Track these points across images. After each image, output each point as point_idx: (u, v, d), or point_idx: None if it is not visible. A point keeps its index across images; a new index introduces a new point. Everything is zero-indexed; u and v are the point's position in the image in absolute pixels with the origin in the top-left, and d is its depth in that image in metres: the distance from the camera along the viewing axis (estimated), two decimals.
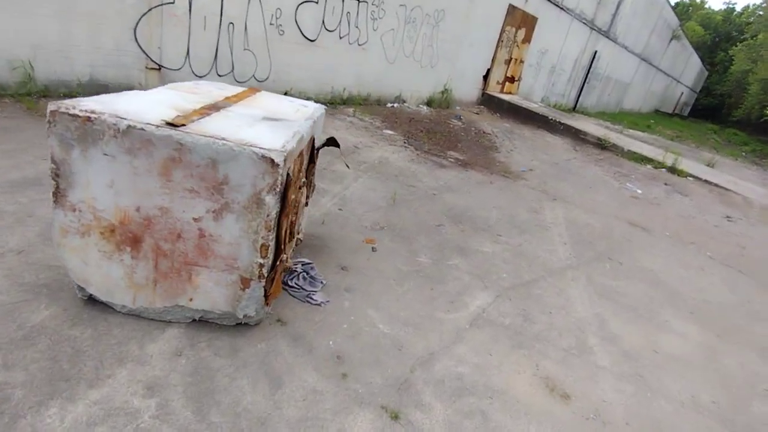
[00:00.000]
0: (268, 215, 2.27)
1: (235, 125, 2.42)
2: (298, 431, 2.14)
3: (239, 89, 3.40)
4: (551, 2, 15.71)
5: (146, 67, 6.64)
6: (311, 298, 3.08)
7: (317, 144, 3.32)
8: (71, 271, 2.43)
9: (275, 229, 2.37)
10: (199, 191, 2.23)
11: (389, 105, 10.93)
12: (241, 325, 2.66)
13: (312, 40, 8.73)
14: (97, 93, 2.56)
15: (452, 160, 7.84)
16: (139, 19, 6.34)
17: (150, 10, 6.39)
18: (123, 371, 2.23)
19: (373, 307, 3.18)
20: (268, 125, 2.57)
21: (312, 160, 3.17)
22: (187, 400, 2.16)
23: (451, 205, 5.54)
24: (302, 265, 3.32)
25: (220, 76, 7.52)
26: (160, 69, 6.78)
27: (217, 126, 2.32)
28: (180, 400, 2.15)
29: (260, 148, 2.17)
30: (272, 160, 2.16)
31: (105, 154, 2.17)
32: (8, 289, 2.54)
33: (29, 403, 1.98)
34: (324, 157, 5.93)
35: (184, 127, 2.19)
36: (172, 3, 6.57)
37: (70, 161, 2.19)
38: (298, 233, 3.26)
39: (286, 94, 8.32)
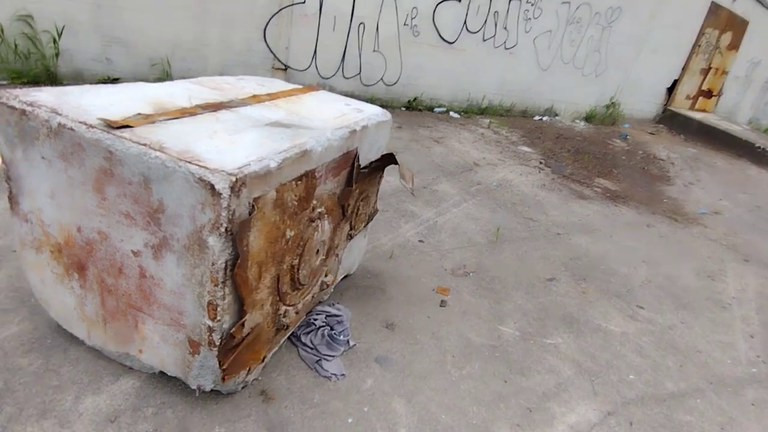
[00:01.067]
0: (213, 264, 1.56)
1: (210, 131, 1.77)
2: None
3: (289, 86, 2.79)
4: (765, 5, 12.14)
5: (273, 68, 6.64)
6: (320, 366, 2.30)
7: (369, 159, 2.52)
8: (33, 288, 2.07)
9: (229, 284, 1.64)
10: (135, 217, 1.63)
11: (536, 118, 9.50)
12: (215, 391, 2.01)
13: (450, 42, 7.92)
14: None
15: (599, 189, 6.24)
16: (269, 20, 6.33)
17: (280, 10, 6.34)
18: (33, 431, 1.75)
19: (405, 397, 2.25)
20: (264, 133, 1.86)
21: (350, 181, 2.38)
22: None
23: (577, 252, 4.19)
24: (327, 316, 2.56)
25: (346, 78, 7.23)
26: (286, 69, 6.73)
27: (177, 131, 1.70)
28: None
29: (200, 165, 1.46)
30: (212, 186, 1.44)
31: (42, 158, 1.71)
32: None
33: None
34: (426, 174, 5.09)
35: (127, 129, 1.61)
36: (303, 3, 6.43)
37: (16, 162, 1.79)
38: (325, 275, 2.51)
39: (415, 100, 7.69)
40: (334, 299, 2.81)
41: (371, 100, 7.23)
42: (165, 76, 5.88)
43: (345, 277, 3.01)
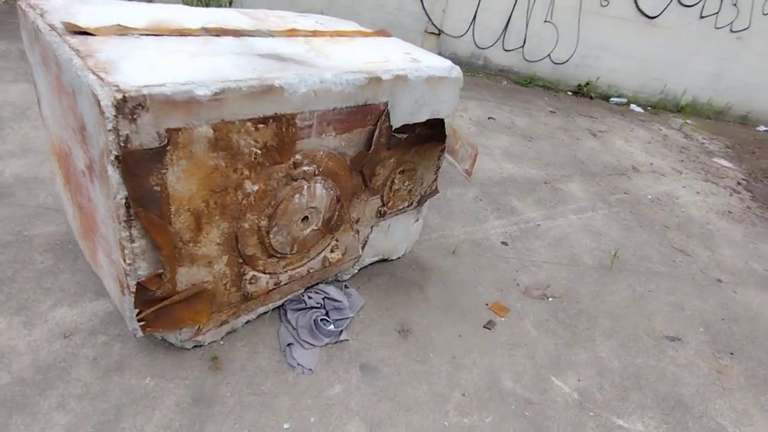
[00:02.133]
0: (114, 198, 1.33)
1: (174, 51, 1.52)
2: None
3: (353, 28, 2.40)
4: None
5: (425, 31, 6.26)
6: (290, 351, 1.97)
7: (412, 121, 2.02)
8: (59, 192, 2.19)
9: (137, 225, 1.40)
10: (76, 133, 1.50)
11: (762, 129, 7.18)
12: (168, 342, 1.87)
13: (651, 17, 6.38)
14: None
15: None
16: None
17: None
18: None
19: (369, 424, 1.78)
20: (240, 61, 1.54)
21: (369, 143, 1.92)
22: None
23: (737, 312, 2.93)
24: (326, 298, 2.19)
25: (506, 50, 6.44)
26: (439, 34, 6.28)
27: (137, 45, 1.50)
28: None
29: (99, 78, 1.21)
30: (98, 101, 1.18)
31: (36, 62, 1.70)
32: (47, 197, 2.54)
33: None
34: (556, 168, 4.19)
35: (84, 36, 1.46)
36: None
37: (32, 65, 1.83)
38: (331, 251, 2.12)
39: (587, 85, 6.51)
40: (355, 283, 2.42)
41: (532, 79, 6.33)
42: None
43: (381, 261, 2.58)
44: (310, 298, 2.16)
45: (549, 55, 6.51)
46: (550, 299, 2.67)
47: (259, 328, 2.07)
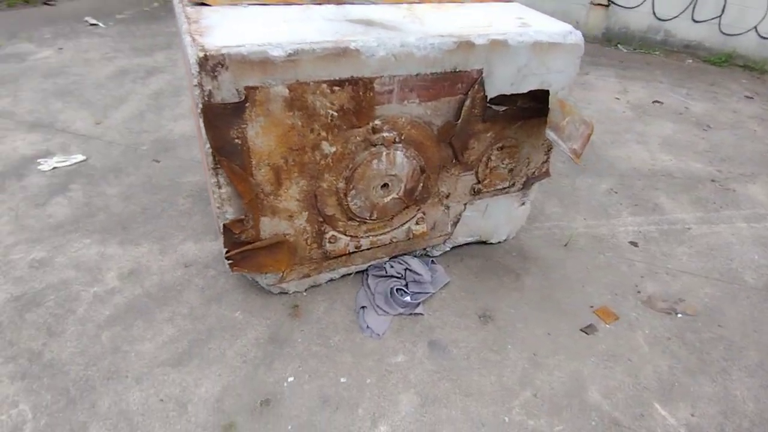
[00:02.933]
0: (204, 147, 1.53)
1: (270, 17, 1.65)
2: None
3: None
4: None
5: (591, 3, 5.60)
6: (363, 314, 2.03)
7: (515, 92, 1.87)
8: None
9: (222, 173, 1.58)
10: (191, 90, 1.75)
11: None
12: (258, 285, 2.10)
13: None
14: None
15: None
16: None
17: None
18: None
19: (423, 398, 1.76)
20: (326, 26, 1.60)
21: (459, 113, 1.82)
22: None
23: None
24: (407, 270, 2.18)
25: (695, 21, 5.42)
26: (608, 6, 5.57)
27: (242, 14, 1.67)
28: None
29: (194, 39, 1.40)
30: (188, 59, 1.37)
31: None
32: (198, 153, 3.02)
33: None
34: (735, 164, 3.42)
35: (201, 6, 1.70)
36: None
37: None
38: (416, 223, 2.09)
39: None
40: (445, 261, 2.36)
41: (728, 57, 5.24)
42: None
43: (478, 243, 2.46)
44: (391, 267, 2.18)
45: (755, 27, 5.23)
46: (679, 315, 2.22)
47: (340, 287, 2.17)
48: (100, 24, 5.25)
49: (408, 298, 2.08)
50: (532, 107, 1.96)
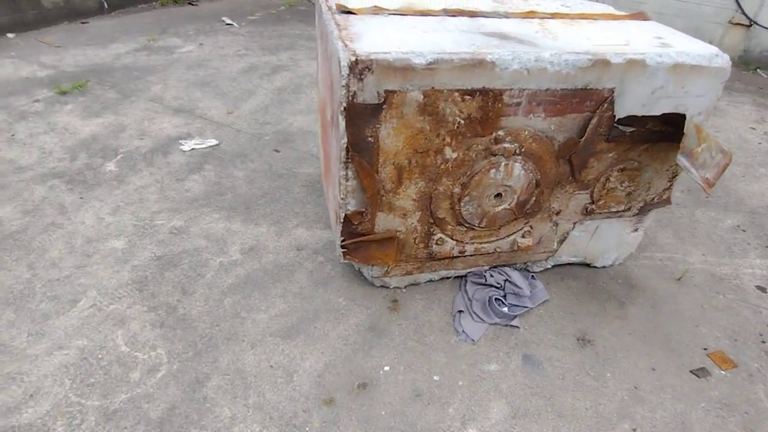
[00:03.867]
0: (339, 141, 1.68)
1: (411, 27, 1.77)
2: None
3: (605, 11, 2.22)
4: None
5: (730, 22, 5.14)
6: (459, 318, 2.08)
7: (644, 113, 1.82)
8: (319, 141, 2.79)
9: (351, 167, 1.71)
10: (329, 89, 1.92)
11: None
12: (363, 277, 2.23)
13: None
14: None
15: None
16: None
17: None
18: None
19: (513, 409, 1.76)
20: (462, 38, 1.68)
21: (584, 130, 1.80)
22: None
23: None
24: (507, 281, 2.19)
25: None
26: (750, 26, 5.08)
27: (384, 22, 1.80)
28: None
29: (344, 45, 1.54)
30: (339, 63, 1.51)
31: (318, 36, 2.22)
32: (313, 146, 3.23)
33: None
34: None
35: (347, 15, 1.86)
36: None
37: (317, 40, 2.39)
38: (522, 236, 2.10)
39: None
40: (546, 278, 2.33)
41: None
42: None
43: (582, 265, 2.40)
44: (491, 276, 2.20)
45: None
46: None
47: (439, 289, 2.24)
48: (235, 24, 5.82)
49: (506, 309, 2.09)
50: (663, 131, 1.88)
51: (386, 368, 1.87)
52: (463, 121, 1.67)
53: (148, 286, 2.16)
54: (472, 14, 1.97)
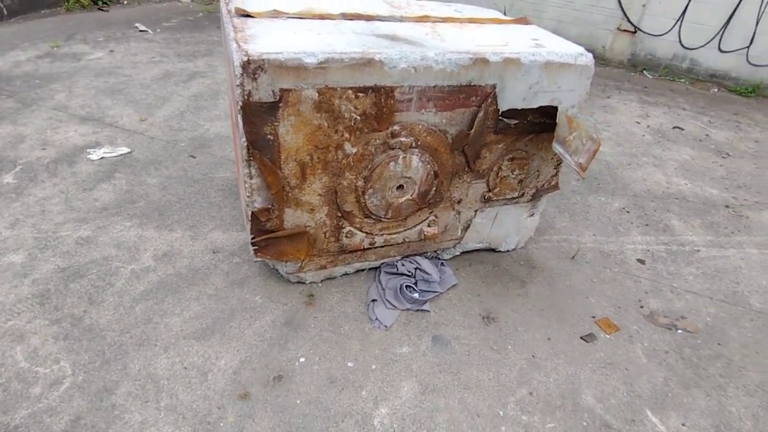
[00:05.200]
0: (241, 138, 1.72)
1: (306, 29, 1.85)
2: None
3: (490, 16, 2.43)
4: None
5: (618, 29, 5.71)
6: (373, 306, 2.18)
7: (509, 104, 2.01)
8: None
9: (255, 165, 1.76)
10: (232, 91, 1.95)
11: None
12: (278, 273, 2.27)
13: None
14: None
15: None
16: None
17: None
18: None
19: (423, 387, 1.88)
20: (354, 39, 1.79)
21: (472, 123, 1.97)
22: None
23: None
24: (417, 269, 2.32)
25: (722, 51, 5.46)
26: (635, 32, 5.67)
27: (281, 25, 1.87)
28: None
29: (239, 45, 1.59)
30: (233, 63, 1.56)
31: (222, 40, 2.24)
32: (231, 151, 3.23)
33: None
34: (754, 194, 3.46)
35: (246, 18, 1.91)
36: None
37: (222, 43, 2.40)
38: (428, 225, 2.24)
39: None
40: (455, 264, 2.49)
41: (756, 88, 5.26)
42: None
43: (488, 250, 2.59)
44: (402, 265, 2.32)
45: None
46: (679, 331, 2.28)
47: (354, 281, 2.32)
48: (149, 30, 5.63)
49: (416, 295, 2.21)
50: (543, 122, 2.09)
51: (302, 359, 1.93)
52: (359, 117, 1.77)
53: (50, 299, 2.06)
54: (369, 18, 2.09)
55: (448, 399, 1.84)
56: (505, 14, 2.62)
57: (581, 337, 2.19)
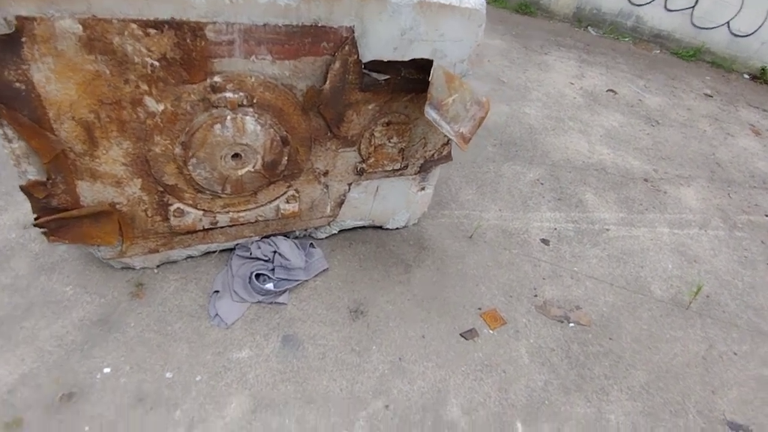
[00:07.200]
0: None
1: None
2: None
3: None
4: None
5: None
6: (214, 300, 1.80)
7: (376, 53, 1.59)
8: None
9: (6, 125, 1.28)
10: None
11: None
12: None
13: None
14: None
15: None
16: None
17: None
18: None
19: (257, 402, 1.55)
20: None
21: (326, 77, 1.54)
22: None
23: None
24: (276, 253, 1.94)
25: (668, 10, 5.16)
26: None
27: None
28: None
29: None
30: None
31: None
32: None
33: None
34: (673, 165, 3.25)
35: None
36: None
37: None
38: (287, 201, 1.84)
39: None
40: (332, 245, 2.13)
41: (697, 51, 5.03)
42: None
43: (375, 228, 2.24)
44: (258, 248, 1.93)
45: (728, 22, 5.00)
46: (571, 325, 2.06)
47: (200, 266, 1.93)
48: None
49: (270, 285, 1.85)
50: (421, 79, 1.69)
51: (106, 370, 1.55)
52: (157, 63, 1.31)
53: None
54: None
55: (284, 417, 1.53)
56: None
57: (461, 334, 1.92)
